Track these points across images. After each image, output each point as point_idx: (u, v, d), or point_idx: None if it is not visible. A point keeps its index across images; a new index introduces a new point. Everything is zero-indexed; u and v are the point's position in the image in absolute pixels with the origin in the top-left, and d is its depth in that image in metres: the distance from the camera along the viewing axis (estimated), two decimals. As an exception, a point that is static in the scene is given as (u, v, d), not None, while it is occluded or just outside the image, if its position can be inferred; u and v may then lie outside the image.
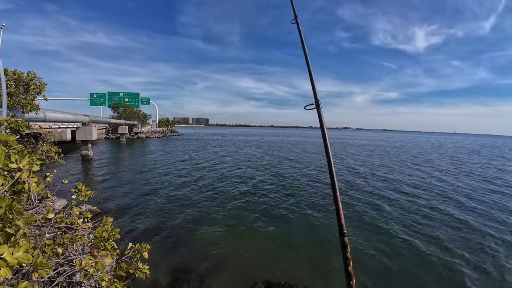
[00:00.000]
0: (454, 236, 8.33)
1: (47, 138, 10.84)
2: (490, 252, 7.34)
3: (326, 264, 6.40)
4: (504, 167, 25.06)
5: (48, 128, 21.16)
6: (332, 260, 6.51)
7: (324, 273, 6.06)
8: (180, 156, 25.61)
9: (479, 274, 6.27)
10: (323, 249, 7.15)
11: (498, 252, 7.33)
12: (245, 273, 5.95)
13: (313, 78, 1.65)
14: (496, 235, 8.46)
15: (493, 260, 6.91)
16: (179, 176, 16.07)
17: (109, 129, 51.85)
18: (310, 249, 7.21)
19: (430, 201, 12.03)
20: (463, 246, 7.66)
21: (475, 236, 8.42)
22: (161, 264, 6.12)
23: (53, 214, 2.67)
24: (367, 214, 10.03)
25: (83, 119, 21.76)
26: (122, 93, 70.40)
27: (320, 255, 6.84)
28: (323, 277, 5.89)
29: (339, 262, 5.92)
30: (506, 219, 9.93)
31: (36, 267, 2.09)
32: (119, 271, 2.75)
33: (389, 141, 69.72)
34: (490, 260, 6.90)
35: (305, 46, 1.83)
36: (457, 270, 6.39)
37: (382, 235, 8.25)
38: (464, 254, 7.19)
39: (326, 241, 7.61)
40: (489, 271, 6.38)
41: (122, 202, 10.64)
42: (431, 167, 23.00)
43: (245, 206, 10.60)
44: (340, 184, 15.01)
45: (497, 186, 15.79)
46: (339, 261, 5.90)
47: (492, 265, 6.68)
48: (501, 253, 7.27)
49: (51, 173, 3.80)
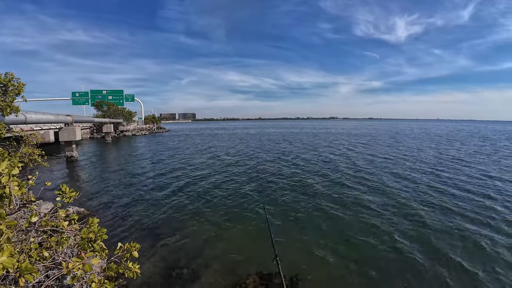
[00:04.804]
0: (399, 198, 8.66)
1: (29, 140, 10.52)
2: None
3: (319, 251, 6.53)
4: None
5: (30, 130, 20.53)
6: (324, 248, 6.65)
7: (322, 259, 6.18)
8: (167, 153, 25.36)
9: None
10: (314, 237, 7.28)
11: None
12: (237, 267, 6.01)
13: None
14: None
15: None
16: (166, 173, 15.94)
17: (93, 129, 50.66)
18: (306, 238, 7.33)
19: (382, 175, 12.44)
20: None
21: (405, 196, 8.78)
22: (152, 262, 6.11)
23: (36, 218, 2.61)
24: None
25: (66, 119, 21.18)
26: (106, 91, 68.76)
27: (313, 242, 6.97)
28: (320, 262, 6.01)
29: (329, 248, 6.01)
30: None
31: (22, 272, 2.05)
32: (109, 272, 2.72)
33: (378, 129, 71.09)
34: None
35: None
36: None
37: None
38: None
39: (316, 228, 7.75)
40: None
41: (109, 202, 10.49)
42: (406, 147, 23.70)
43: (234, 201, 10.64)
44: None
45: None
46: (330, 247, 5.99)
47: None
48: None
49: (33, 175, 3.70)
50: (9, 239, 2.06)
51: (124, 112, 58.93)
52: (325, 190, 11.92)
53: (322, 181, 13.69)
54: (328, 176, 14.83)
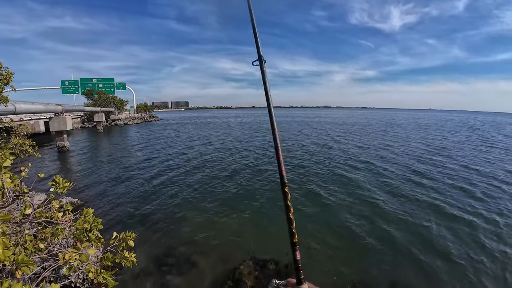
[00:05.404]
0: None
1: (19, 131, 10.35)
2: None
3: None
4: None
5: (19, 120, 20.12)
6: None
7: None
8: (160, 142, 25.23)
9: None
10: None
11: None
12: (232, 253, 6.12)
13: (256, 32, 1.66)
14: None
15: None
16: (160, 162, 15.93)
17: (84, 118, 49.84)
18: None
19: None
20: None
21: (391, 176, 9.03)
22: (148, 250, 6.18)
23: (30, 210, 2.61)
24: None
25: (55, 108, 20.80)
26: (96, 79, 67.49)
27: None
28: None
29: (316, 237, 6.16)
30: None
31: (18, 265, 2.07)
32: (105, 262, 2.75)
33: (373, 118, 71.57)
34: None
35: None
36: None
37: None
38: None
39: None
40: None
41: (103, 191, 10.48)
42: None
43: (227, 189, 10.72)
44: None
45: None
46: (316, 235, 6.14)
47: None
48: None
49: (25, 167, 3.67)
50: (3, 232, 2.06)
51: (116, 101, 57.95)
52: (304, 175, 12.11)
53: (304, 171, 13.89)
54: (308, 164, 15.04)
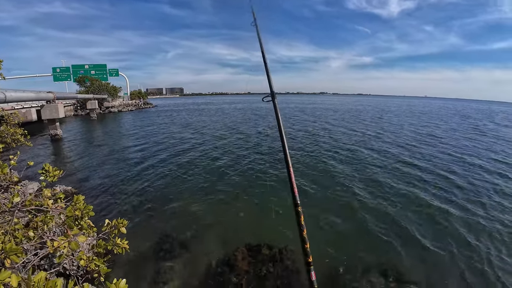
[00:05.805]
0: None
1: (11, 120, 10.17)
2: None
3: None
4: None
5: (10, 109, 19.74)
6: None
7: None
8: (153, 129, 25.08)
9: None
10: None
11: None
12: (227, 239, 6.17)
13: (268, 71, 1.64)
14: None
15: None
16: (153, 149, 15.90)
17: (77, 105, 48.99)
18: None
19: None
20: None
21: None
22: (141, 237, 6.20)
23: (19, 198, 2.57)
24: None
25: (47, 96, 20.38)
26: (88, 66, 66.10)
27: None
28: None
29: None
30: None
31: (7, 254, 2.04)
32: (97, 249, 2.75)
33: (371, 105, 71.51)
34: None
35: (262, 47, 1.77)
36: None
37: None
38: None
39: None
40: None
41: (97, 179, 10.44)
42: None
43: (222, 175, 10.75)
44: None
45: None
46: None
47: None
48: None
49: (14, 155, 3.60)
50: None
51: (109, 88, 56.87)
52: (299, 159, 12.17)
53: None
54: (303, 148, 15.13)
